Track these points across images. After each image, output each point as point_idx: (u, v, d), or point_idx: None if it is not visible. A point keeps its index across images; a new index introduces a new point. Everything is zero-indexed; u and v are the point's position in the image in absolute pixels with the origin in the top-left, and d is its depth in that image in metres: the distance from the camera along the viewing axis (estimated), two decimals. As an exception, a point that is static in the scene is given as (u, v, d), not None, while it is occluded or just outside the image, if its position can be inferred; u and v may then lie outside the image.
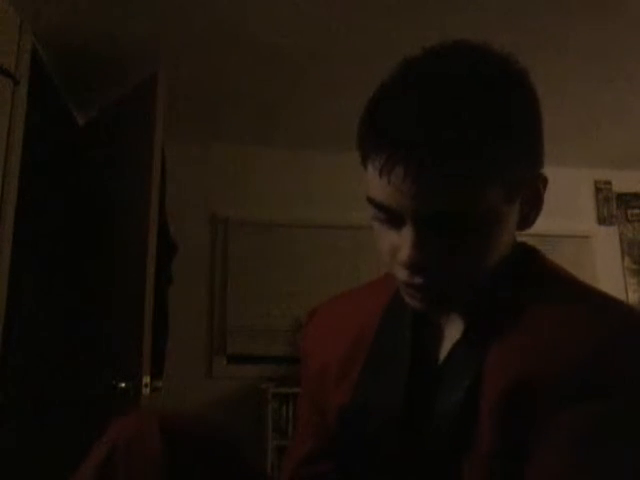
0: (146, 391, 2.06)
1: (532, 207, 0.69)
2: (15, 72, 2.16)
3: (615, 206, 4.04)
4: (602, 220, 4.01)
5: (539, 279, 0.70)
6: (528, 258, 0.73)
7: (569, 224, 3.83)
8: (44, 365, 2.53)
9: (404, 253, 0.62)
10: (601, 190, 4.06)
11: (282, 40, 2.51)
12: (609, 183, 4.06)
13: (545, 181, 0.70)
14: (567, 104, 3.03)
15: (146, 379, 2.07)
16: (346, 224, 3.41)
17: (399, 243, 0.63)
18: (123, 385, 2.11)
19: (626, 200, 4.06)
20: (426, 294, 0.66)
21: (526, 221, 0.68)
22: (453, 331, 0.70)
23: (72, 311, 2.60)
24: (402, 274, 0.65)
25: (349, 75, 2.77)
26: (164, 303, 2.77)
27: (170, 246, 2.94)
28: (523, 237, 0.73)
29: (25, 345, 2.40)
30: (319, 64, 2.71)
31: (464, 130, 0.58)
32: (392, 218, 0.63)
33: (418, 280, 0.64)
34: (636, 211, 4.06)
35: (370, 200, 0.64)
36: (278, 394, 3.22)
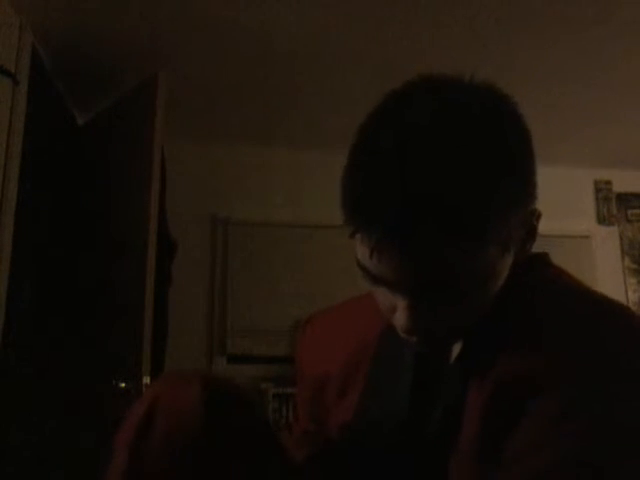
0: (146, 391, 2.06)
1: (527, 241, 0.66)
2: (15, 72, 2.16)
3: (615, 206, 4.04)
4: (602, 220, 4.01)
5: (536, 294, 0.69)
6: (529, 274, 0.70)
7: (569, 224, 3.82)
8: (44, 365, 2.52)
9: (400, 320, 0.61)
10: (601, 190, 4.05)
11: (282, 40, 2.51)
12: (609, 183, 4.06)
13: (539, 216, 0.66)
14: (567, 104, 3.03)
15: (146, 379, 2.07)
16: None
17: (394, 305, 0.62)
18: (123, 385, 2.12)
19: (626, 200, 4.06)
20: (427, 347, 0.67)
21: (522, 254, 0.66)
22: (457, 346, 0.70)
23: (72, 311, 2.60)
24: (400, 332, 0.64)
25: (349, 75, 2.77)
26: (164, 303, 2.77)
27: (170, 246, 2.94)
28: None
29: (25, 345, 2.40)
30: (319, 64, 2.71)
31: (455, 205, 0.54)
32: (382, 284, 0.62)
33: (416, 339, 0.64)
34: (636, 211, 4.06)
35: (361, 267, 0.62)
36: (278, 394, 3.22)
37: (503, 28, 2.42)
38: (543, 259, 0.73)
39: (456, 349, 0.70)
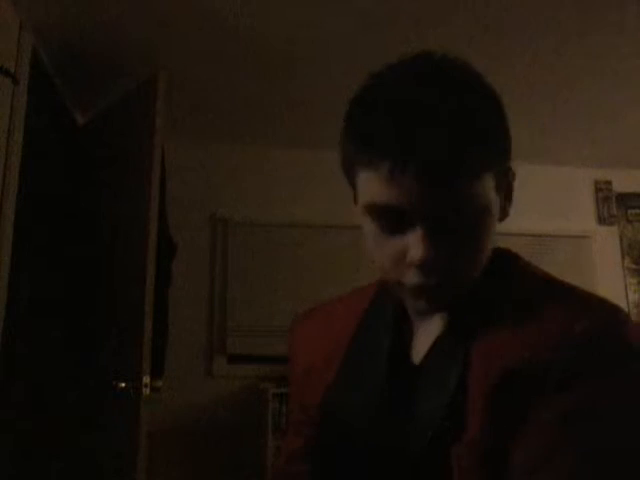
0: (146, 391, 2.06)
1: (507, 198, 0.71)
2: (15, 72, 2.16)
3: (615, 206, 4.05)
4: (602, 220, 4.01)
5: (518, 276, 0.73)
6: (505, 258, 0.75)
7: (569, 224, 3.83)
8: (44, 365, 2.52)
9: (417, 253, 0.63)
10: (601, 190, 4.06)
11: (283, 40, 2.51)
12: (609, 183, 4.06)
13: (514, 175, 0.73)
14: (567, 104, 3.03)
15: (146, 379, 2.07)
16: (346, 224, 3.41)
17: (406, 246, 0.64)
18: (123, 385, 2.12)
19: (626, 200, 4.06)
20: (434, 294, 0.67)
21: (503, 213, 0.71)
22: (432, 328, 0.72)
23: (72, 311, 2.60)
24: (412, 277, 0.65)
25: (350, 75, 2.77)
26: (164, 303, 2.78)
27: (170, 246, 2.94)
28: (525, 237, 0.73)
29: (25, 345, 2.40)
30: (319, 64, 2.71)
31: (466, 127, 0.61)
32: (396, 223, 0.64)
33: (430, 280, 0.65)
34: (636, 211, 4.06)
35: (372, 207, 0.65)
36: (278, 394, 3.22)
37: (507, 31, 2.42)
38: (509, 250, 0.77)
39: (429, 332, 0.72)
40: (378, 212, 0.65)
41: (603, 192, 4.05)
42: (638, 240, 4.02)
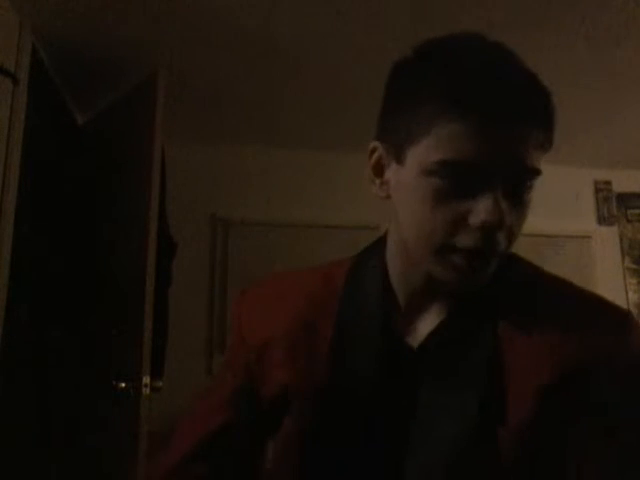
0: (146, 391, 2.06)
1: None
2: (15, 72, 2.16)
3: (615, 206, 4.04)
4: (602, 220, 4.01)
5: (527, 268, 0.75)
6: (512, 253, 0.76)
7: (569, 224, 3.83)
8: (44, 365, 2.52)
9: (487, 215, 0.62)
10: (601, 190, 4.05)
11: (283, 40, 2.51)
12: (609, 183, 4.06)
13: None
14: (567, 104, 3.02)
15: (146, 379, 2.07)
16: (346, 224, 3.41)
17: (470, 208, 0.63)
18: (123, 385, 2.11)
19: (626, 200, 4.06)
20: (482, 265, 0.66)
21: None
22: (428, 314, 0.73)
23: (72, 311, 2.60)
24: (470, 239, 0.64)
25: (350, 75, 2.77)
26: (164, 303, 2.77)
27: (170, 246, 2.94)
28: (524, 237, 0.73)
29: (25, 345, 2.39)
30: (320, 64, 2.71)
31: (541, 88, 0.66)
32: (465, 183, 0.63)
33: (488, 245, 0.64)
34: (636, 211, 4.06)
35: (448, 163, 0.63)
36: (278, 394, 3.21)
37: (507, 30, 2.42)
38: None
39: (427, 318, 0.72)
40: (452, 170, 0.63)
41: (603, 192, 4.05)
42: (638, 240, 4.02)
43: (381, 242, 0.80)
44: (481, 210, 0.62)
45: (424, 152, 0.64)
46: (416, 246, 0.69)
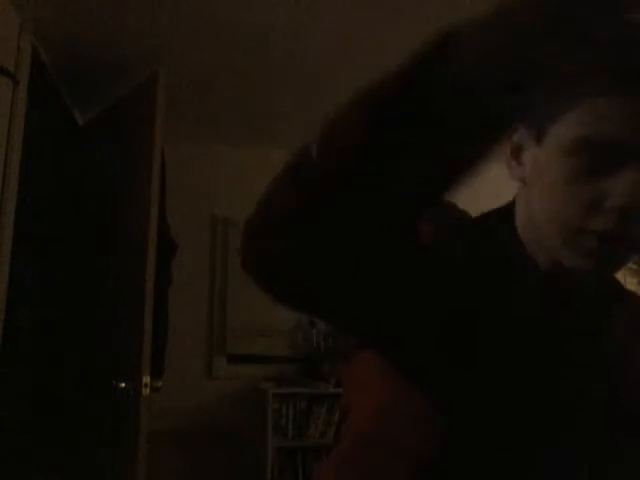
0: (146, 391, 2.06)
1: None
2: (15, 72, 2.16)
3: (615, 206, 4.05)
4: (602, 220, 4.01)
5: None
6: None
7: (569, 224, 3.83)
8: (44, 365, 2.52)
9: (626, 196, 0.59)
10: (601, 190, 4.06)
11: (282, 40, 2.51)
12: (609, 183, 4.06)
13: None
14: (567, 104, 3.03)
15: (146, 379, 2.07)
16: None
17: (606, 190, 0.60)
18: (123, 385, 2.11)
19: (626, 200, 4.06)
20: (615, 250, 0.64)
21: None
22: None
23: (72, 311, 2.60)
24: (606, 222, 0.61)
25: (350, 75, 2.77)
26: (164, 303, 2.77)
27: (170, 246, 2.94)
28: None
29: (25, 345, 2.40)
30: (320, 64, 2.71)
31: None
32: (603, 160, 0.60)
33: (624, 228, 0.61)
34: (636, 211, 4.06)
35: (588, 140, 0.60)
36: (278, 394, 3.22)
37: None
38: None
39: None
40: (593, 148, 0.60)
41: (603, 192, 4.05)
42: (638, 240, 4.02)
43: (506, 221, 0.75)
44: (620, 192, 0.59)
45: (565, 130, 0.62)
46: (548, 231, 0.65)
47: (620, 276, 0.86)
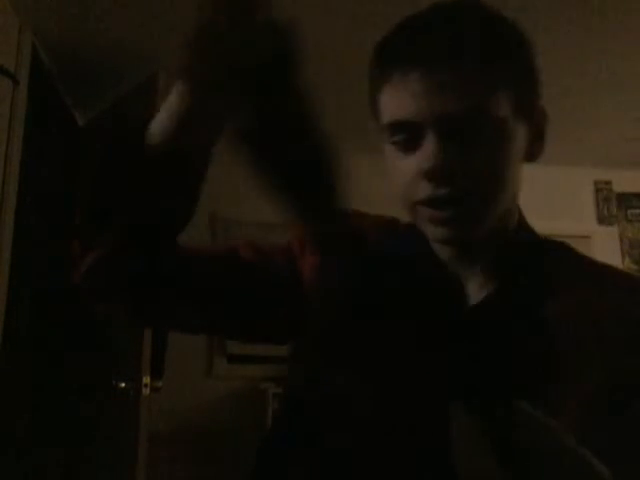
0: (146, 391, 2.06)
1: (536, 138, 0.71)
2: (15, 72, 2.17)
3: (615, 206, 4.05)
4: (602, 220, 4.01)
5: (560, 248, 0.73)
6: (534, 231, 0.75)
7: (569, 224, 3.82)
8: (44, 365, 2.52)
9: (426, 162, 0.63)
10: (601, 190, 4.06)
11: (282, 40, 2.51)
12: (609, 183, 4.06)
13: (546, 116, 0.73)
14: (567, 103, 3.03)
15: (146, 379, 2.07)
16: (346, 224, 3.41)
17: (420, 160, 0.64)
18: (123, 385, 2.12)
19: (626, 200, 4.07)
20: (452, 212, 0.65)
21: (531, 153, 0.71)
22: (475, 285, 0.70)
23: (72, 310, 2.60)
24: (423, 190, 0.65)
25: (350, 76, 2.77)
26: (164, 303, 2.77)
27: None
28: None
29: (25, 345, 2.40)
30: (319, 64, 2.71)
31: (475, 39, 0.64)
32: (411, 137, 0.65)
33: (444, 190, 0.64)
34: (636, 211, 4.06)
35: (388, 125, 0.67)
36: (278, 394, 3.21)
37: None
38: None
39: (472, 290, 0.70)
40: (395, 130, 0.66)
41: (603, 192, 4.06)
42: (638, 240, 4.02)
43: None
44: (421, 161, 0.64)
45: (382, 117, 0.68)
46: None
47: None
